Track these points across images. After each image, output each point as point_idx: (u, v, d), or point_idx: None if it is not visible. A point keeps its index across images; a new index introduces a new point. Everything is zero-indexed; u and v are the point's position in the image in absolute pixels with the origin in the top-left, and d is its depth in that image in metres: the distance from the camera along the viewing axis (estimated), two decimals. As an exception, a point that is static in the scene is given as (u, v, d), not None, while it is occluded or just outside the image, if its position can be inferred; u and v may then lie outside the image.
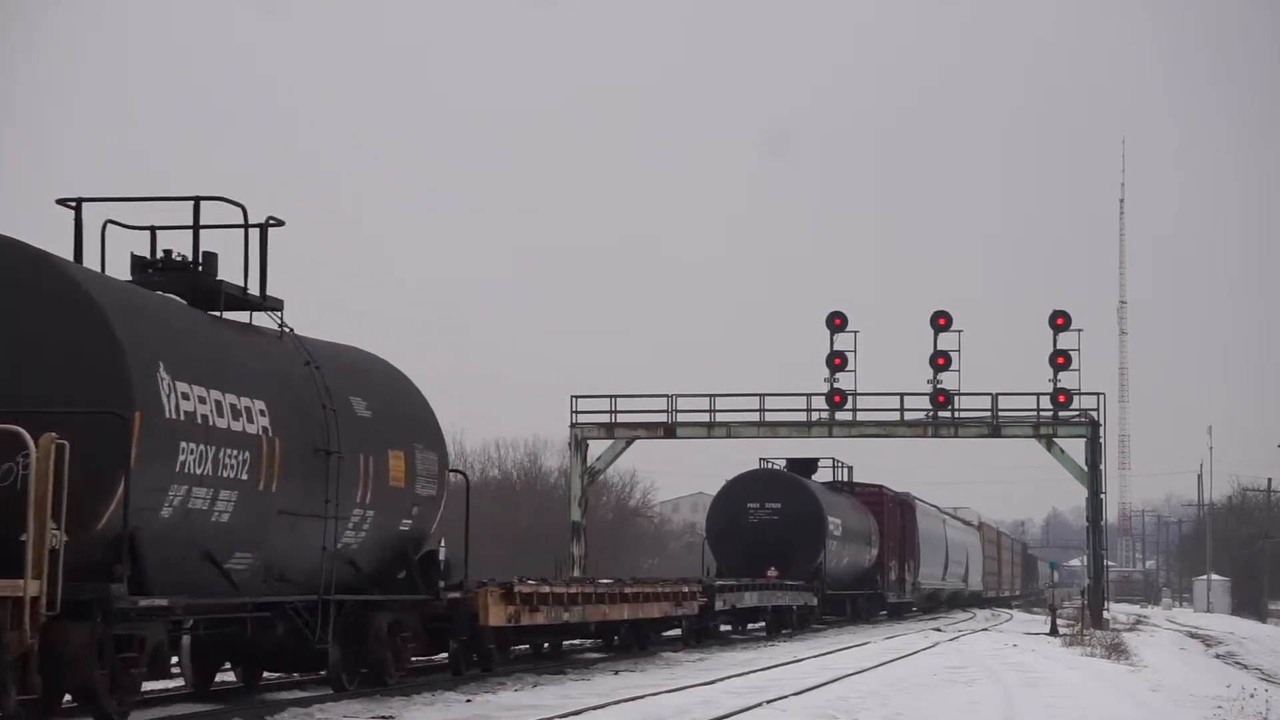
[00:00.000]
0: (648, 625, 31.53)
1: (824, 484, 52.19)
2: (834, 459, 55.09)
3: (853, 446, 56.44)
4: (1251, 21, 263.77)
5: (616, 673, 25.73)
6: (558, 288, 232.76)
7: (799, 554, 46.50)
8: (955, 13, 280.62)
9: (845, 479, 55.91)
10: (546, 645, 29.33)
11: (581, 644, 32.12)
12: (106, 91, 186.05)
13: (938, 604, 72.82)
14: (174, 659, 18.02)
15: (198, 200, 17.96)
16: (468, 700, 20.17)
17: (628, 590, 29.67)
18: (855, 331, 51.52)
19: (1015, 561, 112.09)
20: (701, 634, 35.72)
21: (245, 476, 16.87)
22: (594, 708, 18.86)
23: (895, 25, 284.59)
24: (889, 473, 60.57)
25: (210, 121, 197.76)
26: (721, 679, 24.53)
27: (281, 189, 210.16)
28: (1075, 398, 51.26)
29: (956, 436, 52.50)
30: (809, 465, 52.14)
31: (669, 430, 52.32)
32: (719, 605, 36.01)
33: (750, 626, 42.65)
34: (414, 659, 22.62)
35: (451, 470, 22.72)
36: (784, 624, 43.23)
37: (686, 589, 33.02)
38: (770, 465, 50.74)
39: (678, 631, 34.65)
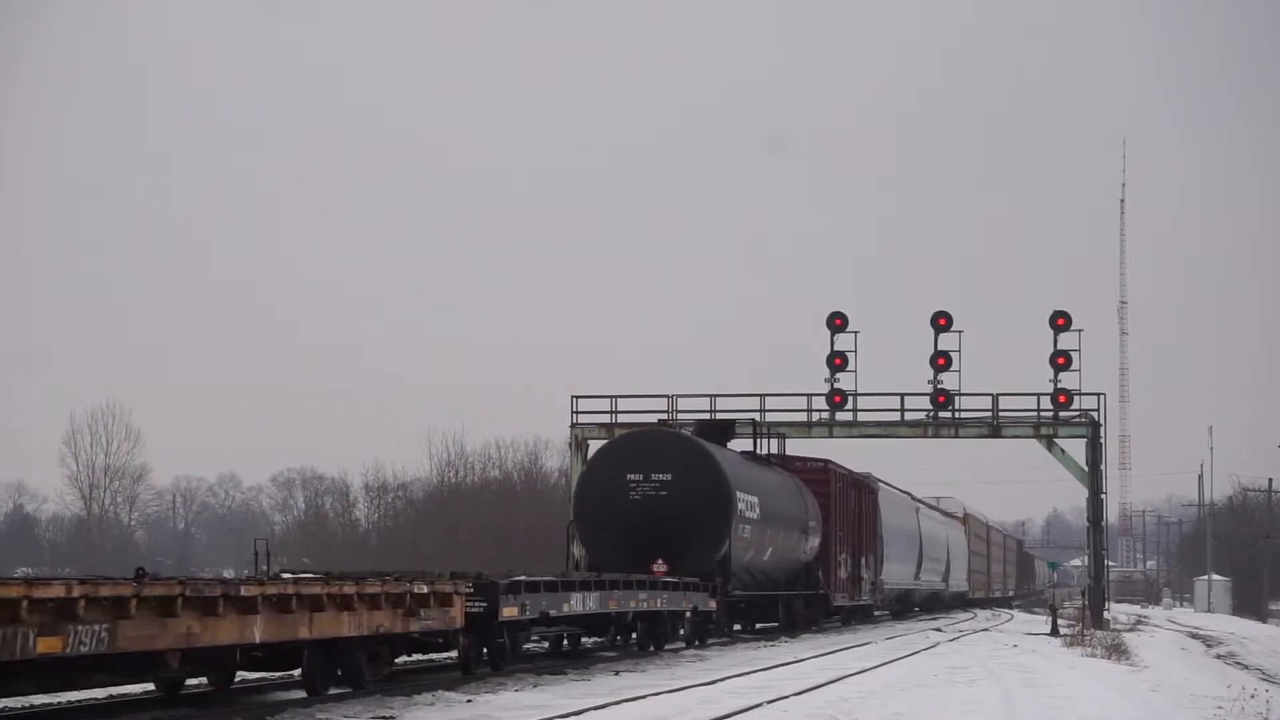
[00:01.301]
0: (350, 648, 19.95)
1: (741, 453, 40.57)
2: (754, 421, 44.26)
3: (853, 446, 55.21)
4: (1251, 21, 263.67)
5: (617, 673, 25.76)
6: (558, 288, 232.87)
7: (697, 542, 35.06)
8: (955, 13, 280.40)
9: (778, 450, 44.40)
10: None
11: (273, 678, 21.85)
12: (106, 91, 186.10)
13: (909, 607, 64.29)
14: None
15: None
16: (468, 700, 20.28)
17: (272, 592, 17.46)
18: (855, 331, 51.48)
19: (1009, 560, 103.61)
20: (498, 656, 24.35)
21: None
22: (596, 707, 18.92)
23: (895, 25, 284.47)
24: (889, 473, 59.82)
25: (210, 121, 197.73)
26: (723, 678, 24.63)
27: (281, 189, 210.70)
28: (1076, 398, 51.31)
29: (957, 437, 52.44)
30: (725, 429, 41.35)
31: (669, 430, 52.15)
32: (509, 613, 23.89)
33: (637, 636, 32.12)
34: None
35: None
36: (662, 636, 32.18)
37: (427, 589, 21.30)
38: (674, 427, 41.33)
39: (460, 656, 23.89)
